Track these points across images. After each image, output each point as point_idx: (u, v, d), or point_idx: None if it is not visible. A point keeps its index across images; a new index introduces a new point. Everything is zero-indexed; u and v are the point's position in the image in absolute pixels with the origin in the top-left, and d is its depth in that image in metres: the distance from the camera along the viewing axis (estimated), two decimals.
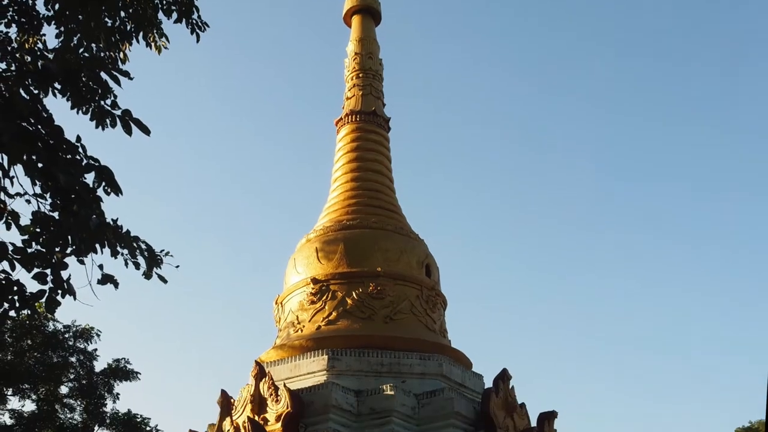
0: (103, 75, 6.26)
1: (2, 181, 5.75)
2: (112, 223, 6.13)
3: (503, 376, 14.01)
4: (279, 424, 12.79)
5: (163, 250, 6.65)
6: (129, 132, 6.17)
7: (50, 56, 6.25)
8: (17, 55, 6.33)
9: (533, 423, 13.76)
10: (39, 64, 6.08)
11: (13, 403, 25.29)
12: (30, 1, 6.77)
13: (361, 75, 16.96)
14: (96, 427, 26.12)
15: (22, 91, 5.86)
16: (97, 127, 6.25)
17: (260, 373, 13.40)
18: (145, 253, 6.46)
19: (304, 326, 14.75)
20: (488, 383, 14.43)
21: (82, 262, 6.13)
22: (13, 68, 6.18)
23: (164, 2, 7.52)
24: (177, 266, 6.83)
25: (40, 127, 5.78)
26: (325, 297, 14.72)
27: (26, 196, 5.84)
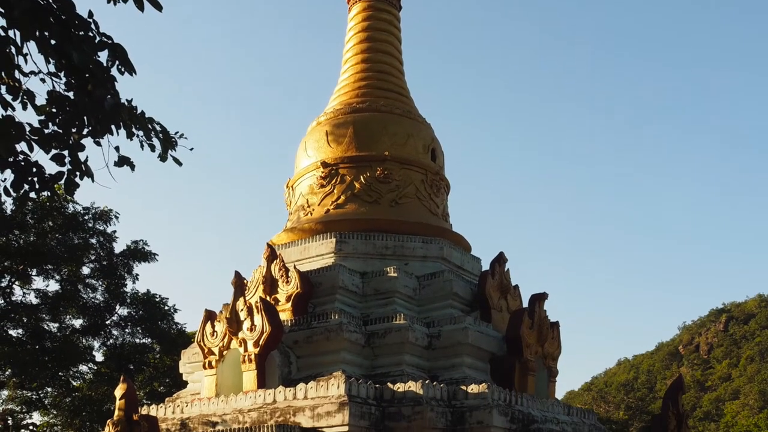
0: None
1: (16, 58, 5.78)
2: (127, 103, 6.21)
3: (499, 260, 14.28)
4: (289, 304, 13.16)
5: (177, 132, 6.76)
6: (141, 7, 6.05)
7: None
8: None
9: (525, 304, 14.07)
10: None
11: (38, 283, 26.16)
12: None
13: None
14: (117, 307, 27.04)
15: None
16: (108, 2, 6.12)
17: (272, 255, 13.69)
18: (160, 134, 6.56)
19: (313, 210, 14.93)
20: (485, 266, 14.68)
21: (98, 144, 6.26)
22: None
23: None
24: (191, 149, 6.95)
25: (51, 1, 5.73)
26: (334, 181, 14.86)
27: (41, 75, 5.88)
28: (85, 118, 6.01)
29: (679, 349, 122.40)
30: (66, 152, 6.10)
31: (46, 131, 6.00)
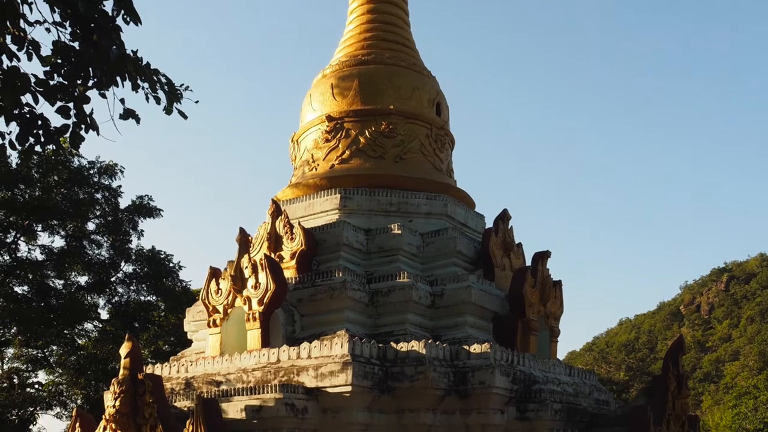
0: None
1: (21, 7, 5.76)
2: (132, 54, 6.19)
3: (503, 217, 14.14)
4: (293, 262, 13.02)
5: (182, 85, 6.74)
6: None
7: None
8: None
9: (528, 262, 13.96)
10: None
11: (43, 239, 26.22)
12: None
13: None
14: (122, 263, 27.11)
15: None
16: None
17: (276, 211, 13.54)
18: (165, 87, 6.55)
19: (318, 165, 14.73)
20: (489, 224, 14.57)
21: (103, 96, 6.25)
22: None
23: None
24: (197, 101, 6.94)
25: None
26: (339, 135, 14.62)
27: (46, 24, 5.85)
28: (90, 69, 6.00)
29: (681, 308, 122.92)
30: (71, 104, 6.09)
31: (51, 83, 5.99)
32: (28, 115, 6.00)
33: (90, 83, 6.07)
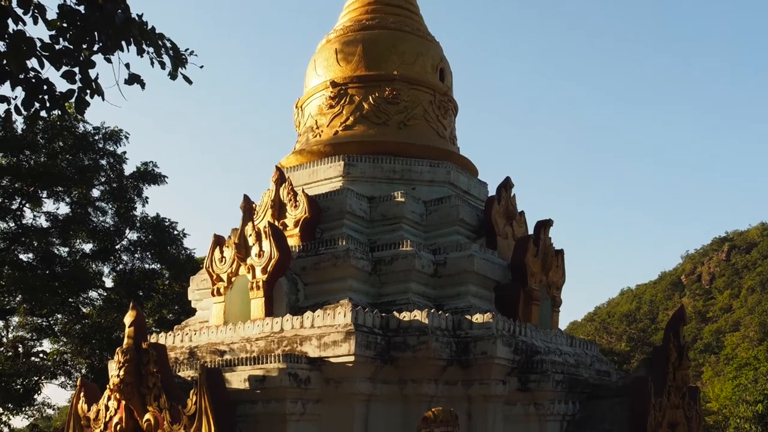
0: None
1: None
2: (137, 18, 6.18)
3: (506, 185, 14.04)
4: (297, 230, 12.95)
5: (187, 49, 6.74)
6: None
7: None
8: None
9: (530, 231, 13.84)
10: None
11: (48, 206, 26.25)
12: None
13: None
14: (127, 231, 27.15)
15: None
16: None
17: (280, 178, 13.45)
18: (171, 51, 6.55)
19: (322, 131, 14.62)
20: (491, 191, 14.45)
21: (109, 61, 6.26)
22: None
23: None
24: (201, 66, 6.94)
25: None
26: (343, 101, 14.50)
27: None
28: (95, 33, 6.00)
29: (682, 278, 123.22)
30: (76, 69, 6.09)
31: (57, 47, 5.99)
32: (33, 80, 6.00)
33: (95, 47, 6.07)
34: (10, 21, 5.76)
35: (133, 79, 6.41)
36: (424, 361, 10.90)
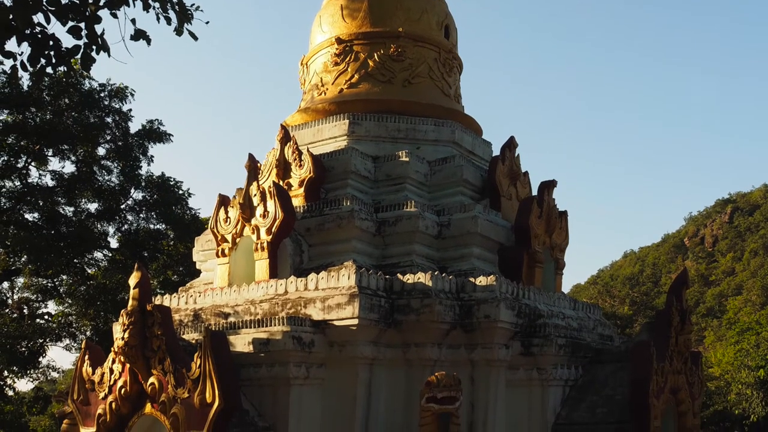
0: None
1: None
2: None
3: (510, 145, 13.90)
4: (302, 190, 12.85)
5: (193, 5, 6.65)
6: None
7: None
8: None
9: (534, 192, 13.76)
10: None
11: (54, 164, 26.21)
12: None
13: None
14: (132, 190, 27.12)
15: None
16: None
17: (285, 137, 13.32)
18: (176, 6, 6.46)
19: (327, 89, 14.45)
20: (495, 151, 14.34)
21: (115, 16, 6.18)
22: None
23: None
24: (207, 22, 6.89)
25: None
26: (348, 58, 14.34)
27: None
28: None
29: (685, 241, 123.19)
30: (82, 25, 6.02)
31: (63, 2, 5.91)
32: (39, 36, 5.94)
33: (101, 2, 5.99)
34: None
35: (139, 35, 6.34)
36: (428, 325, 10.82)
